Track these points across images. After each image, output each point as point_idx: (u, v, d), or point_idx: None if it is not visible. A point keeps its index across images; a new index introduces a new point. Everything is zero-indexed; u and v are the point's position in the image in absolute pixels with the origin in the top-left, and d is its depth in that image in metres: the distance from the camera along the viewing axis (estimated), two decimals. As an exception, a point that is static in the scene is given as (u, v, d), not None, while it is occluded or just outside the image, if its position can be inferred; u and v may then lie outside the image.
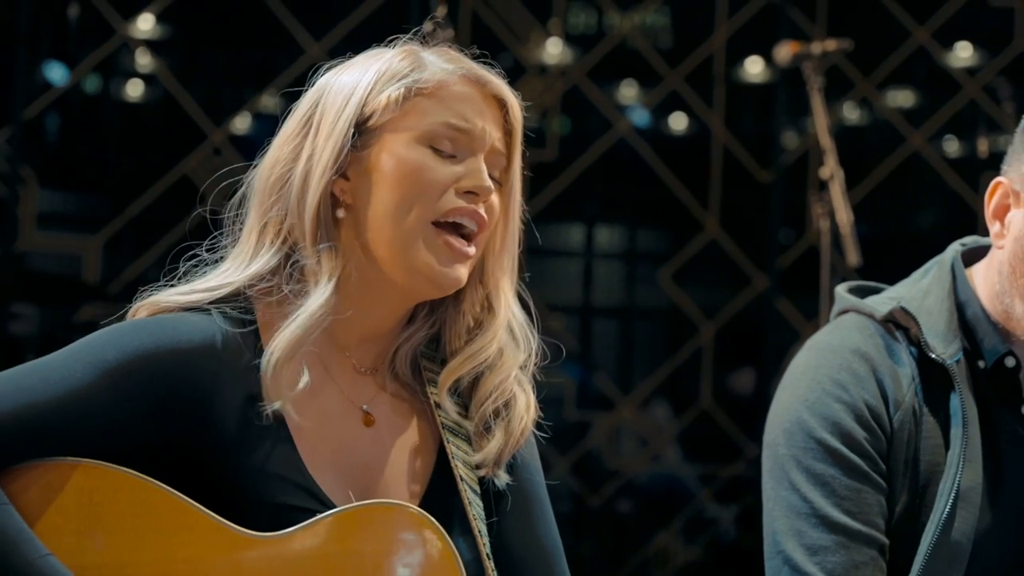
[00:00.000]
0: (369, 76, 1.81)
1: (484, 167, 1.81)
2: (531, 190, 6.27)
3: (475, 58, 1.88)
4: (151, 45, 6.20)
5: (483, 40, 1.93)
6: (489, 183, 1.81)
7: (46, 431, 1.66)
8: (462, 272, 1.80)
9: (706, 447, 6.52)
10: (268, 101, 6.23)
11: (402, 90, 1.79)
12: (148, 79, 6.32)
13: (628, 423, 6.51)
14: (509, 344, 1.87)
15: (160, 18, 6.14)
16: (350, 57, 1.88)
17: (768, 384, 6.28)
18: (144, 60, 6.24)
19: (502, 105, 1.86)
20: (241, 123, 6.22)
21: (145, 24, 6.15)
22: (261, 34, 6.29)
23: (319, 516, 1.70)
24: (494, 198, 1.83)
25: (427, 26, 2.91)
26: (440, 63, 1.83)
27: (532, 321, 1.91)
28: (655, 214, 6.87)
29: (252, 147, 6.20)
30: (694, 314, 6.44)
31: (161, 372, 1.71)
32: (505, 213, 1.86)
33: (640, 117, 6.64)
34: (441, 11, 3.07)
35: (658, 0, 6.51)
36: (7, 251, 5.59)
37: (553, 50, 6.51)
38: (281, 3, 6.08)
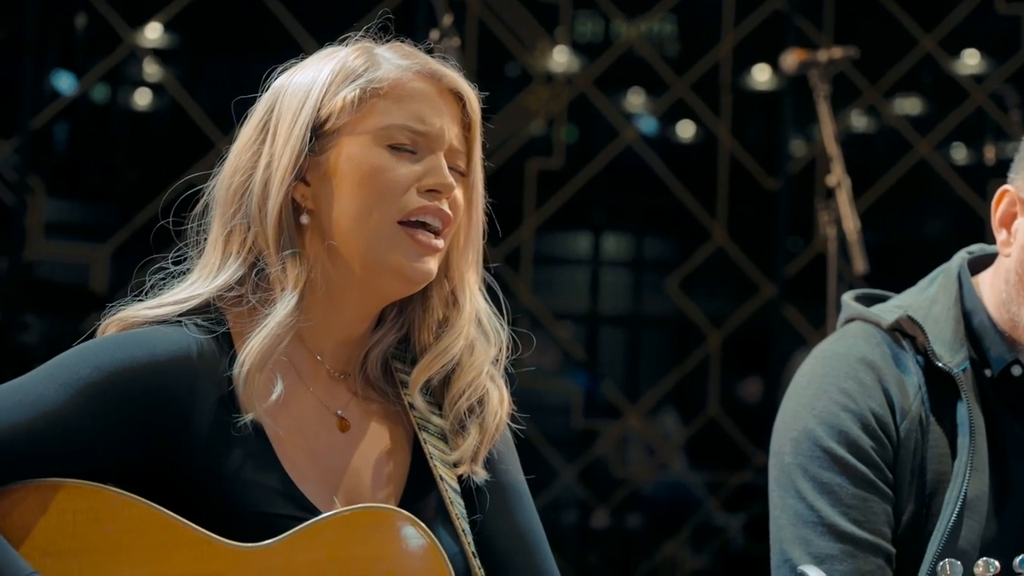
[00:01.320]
0: (324, 77, 1.79)
1: (444, 164, 1.80)
2: (538, 198, 6.27)
3: (429, 52, 1.87)
4: (159, 54, 6.22)
5: (490, 49, 1.92)
6: (451, 180, 1.79)
7: (24, 454, 1.64)
8: (432, 265, 1.79)
9: (714, 455, 6.52)
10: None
11: (357, 91, 1.77)
12: (156, 88, 6.33)
13: (635, 431, 6.51)
14: (479, 339, 1.86)
15: (168, 27, 6.15)
16: (303, 58, 1.86)
17: (776, 392, 6.27)
18: (152, 69, 6.25)
19: (459, 99, 1.84)
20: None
21: (153, 33, 6.16)
22: (268, 43, 6.30)
23: (305, 524, 1.69)
24: (457, 193, 1.81)
25: (433, 35, 2.92)
26: (395, 60, 1.81)
27: (501, 313, 1.90)
28: (662, 222, 6.87)
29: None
30: (701, 322, 6.44)
31: (137, 387, 1.70)
32: (468, 206, 1.85)
33: (647, 125, 6.65)
34: (447, 20, 3.07)
35: (664, 8, 6.51)
36: (15, 260, 5.60)
37: (560, 58, 6.51)
38: (288, 12, 6.09)
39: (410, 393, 1.85)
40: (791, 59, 4.20)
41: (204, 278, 1.79)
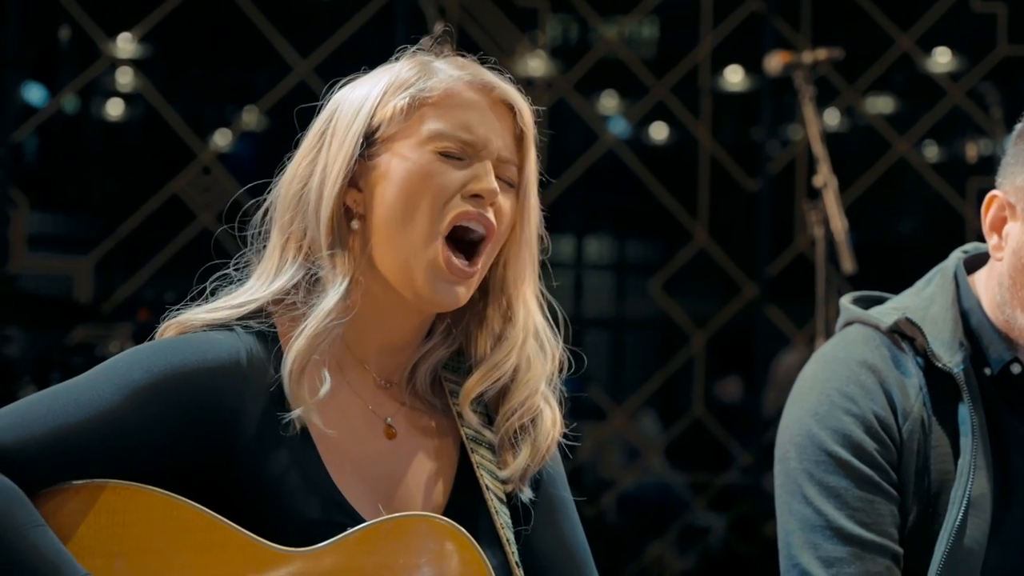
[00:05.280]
0: (379, 88, 1.83)
1: (491, 170, 1.81)
2: (520, 203, 6.27)
3: (484, 63, 1.88)
4: (137, 64, 6.20)
5: (468, 53, 1.93)
6: (494, 186, 1.80)
7: (76, 453, 1.67)
8: (461, 292, 1.80)
9: (698, 456, 6.54)
10: (255, 119, 6.24)
11: (407, 99, 1.80)
12: (136, 99, 6.32)
13: (620, 433, 6.52)
14: (536, 356, 1.87)
15: (146, 38, 6.14)
16: (366, 71, 1.89)
17: (759, 391, 6.30)
18: (130, 80, 6.23)
19: (512, 110, 1.85)
20: (229, 141, 6.22)
21: (131, 44, 6.14)
22: (249, 53, 6.29)
23: (349, 530, 1.71)
24: (503, 202, 1.82)
25: (425, 42, 2.93)
26: (448, 70, 1.83)
27: (558, 331, 1.90)
28: (644, 225, 6.89)
29: (242, 165, 6.16)
30: (685, 323, 6.46)
31: (188, 392, 1.73)
32: (520, 218, 1.85)
33: (627, 128, 6.66)
34: (439, 27, 3.08)
35: (643, 12, 6.53)
36: (-1, 274, 5.60)
37: (538, 63, 6.52)
38: (266, 20, 6.08)
39: (460, 404, 1.86)
40: (775, 61, 4.23)
41: (262, 283, 1.82)
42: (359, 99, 1.83)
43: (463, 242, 1.81)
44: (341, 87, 1.87)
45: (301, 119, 1.91)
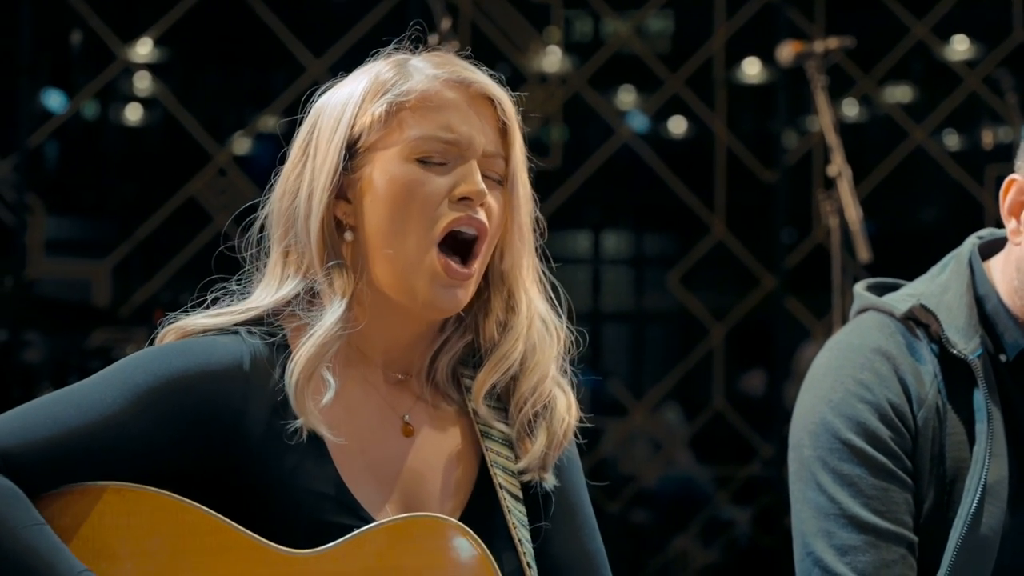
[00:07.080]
0: (356, 95, 1.80)
1: (476, 171, 1.79)
2: (536, 198, 6.27)
3: (467, 59, 1.85)
4: (152, 68, 6.22)
5: (482, 51, 1.91)
6: (481, 186, 1.78)
7: (80, 457, 1.67)
8: (460, 295, 1.79)
9: (720, 449, 6.53)
10: (271, 121, 6.25)
11: (385, 107, 1.78)
12: (150, 103, 6.33)
13: (641, 428, 6.51)
14: (542, 340, 1.85)
15: (160, 41, 6.15)
16: (343, 76, 1.86)
17: (780, 383, 6.28)
18: (146, 84, 6.25)
19: (492, 103, 1.83)
20: (245, 144, 6.23)
21: (146, 48, 6.16)
22: (262, 54, 6.31)
23: (357, 531, 1.70)
24: (491, 199, 1.80)
25: (432, 39, 2.92)
26: (425, 70, 1.80)
27: (561, 315, 1.89)
28: (661, 218, 6.88)
29: (257, 167, 6.16)
30: (704, 316, 6.45)
31: (192, 395, 1.72)
32: (512, 210, 1.84)
33: (642, 122, 6.66)
34: (446, 24, 3.08)
35: (656, 5, 6.52)
36: (17, 279, 5.61)
37: (553, 59, 6.52)
38: (280, 22, 6.09)
39: (473, 399, 1.85)
40: (787, 51, 4.21)
41: (267, 295, 1.81)
42: (338, 108, 1.81)
43: (457, 243, 1.78)
44: (320, 95, 1.85)
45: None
